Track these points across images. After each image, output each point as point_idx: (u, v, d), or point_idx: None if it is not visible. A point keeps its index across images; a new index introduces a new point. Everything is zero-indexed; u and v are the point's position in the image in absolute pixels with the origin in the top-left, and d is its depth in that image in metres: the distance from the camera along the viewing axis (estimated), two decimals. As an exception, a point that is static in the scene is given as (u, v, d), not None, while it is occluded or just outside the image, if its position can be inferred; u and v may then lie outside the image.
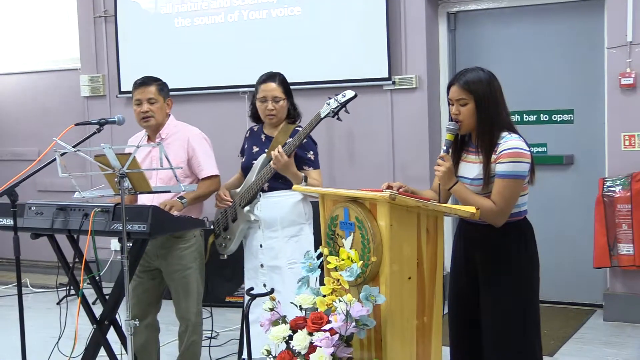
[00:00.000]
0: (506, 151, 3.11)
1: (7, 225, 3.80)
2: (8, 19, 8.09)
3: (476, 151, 3.22)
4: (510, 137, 3.15)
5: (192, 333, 4.20)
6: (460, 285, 3.38)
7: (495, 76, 3.22)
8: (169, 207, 3.99)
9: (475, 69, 3.22)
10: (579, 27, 5.74)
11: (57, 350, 3.91)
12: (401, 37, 5.99)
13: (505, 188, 3.10)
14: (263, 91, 4.10)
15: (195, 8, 6.71)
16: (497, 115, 3.16)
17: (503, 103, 3.21)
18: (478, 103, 3.14)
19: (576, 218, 5.80)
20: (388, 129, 6.10)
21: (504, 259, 3.20)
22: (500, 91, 3.20)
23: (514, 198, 3.14)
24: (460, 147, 3.31)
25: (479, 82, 3.15)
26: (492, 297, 3.23)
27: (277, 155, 3.89)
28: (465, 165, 3.27)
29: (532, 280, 3.26)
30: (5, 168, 7.63)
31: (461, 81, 3.17)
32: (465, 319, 3.36)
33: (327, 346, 2.94)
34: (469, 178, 3.22)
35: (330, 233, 3.30)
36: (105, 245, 6.89)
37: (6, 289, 7.17)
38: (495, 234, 3.19)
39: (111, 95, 7.26)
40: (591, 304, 5.79)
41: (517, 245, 3.21)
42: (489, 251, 3.22)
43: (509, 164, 3.10)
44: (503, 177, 3.11)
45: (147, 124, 4.23)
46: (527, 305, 3.23)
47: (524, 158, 3.12)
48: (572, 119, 5.79)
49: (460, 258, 3.38)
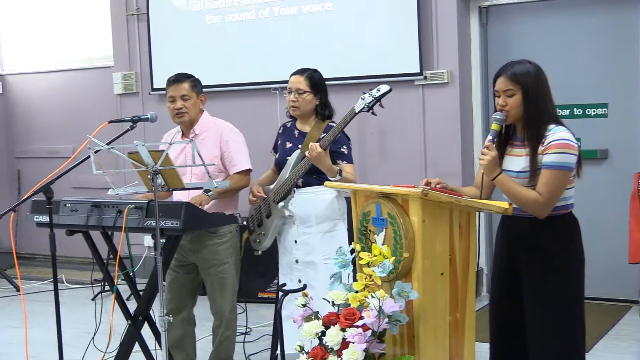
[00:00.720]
0: (554, 142, 3.08)
1: (43, 222, 3.86)
2: (42, 18, 8.19)
3: (522, 144, 3.20)
4: (558, 128, 3.13)
5: (225, 328, 4.23)
6: (503, 280, 3.34)
7: (542, 69, 3.21)
8: (198, 203, 4.02)
9: (523, 61, 3.21)
10: (613, 20, 5.67)
11: (92, 345, 3.96)
12: (432, 32, 5.97)
13: (552, 179, 3.08)
14: (290, 82, 4.17)
15: (227, 5, 6.74)
16: (544, 107, 3.15)
17: (550, 96, 3.20)
18: (525, 94, 3.14)
19: (611, 213, 5.74)
20: (419, 124, 6.08)
21: (548, 254, 3.16)
22: (546, 84, 3.20)
23: (560, 190, 3.11)
24: (505, 141, 3.28)
25: (527, 74, 3.15)
26: (538, 294, 3.19)
27: (311, 146, 3.91)
28: (511, 159, 3.24)
29: (578, 276, 3.21)
30: (41, 165, 7.75)
31: (508, 72, 3.16)
32: (508, 315, 3.31)
33: (360, 342, 2.95)
34: (515, 171, 3.19)
35: (363, 229, 3.30)
36: (139, 241, 6.96)
37: (42, 285, 7.26)
38: (539, 228, 3.15)
39: (144, 92, 7.32)
40: (627, 300, 5.73)
41: (562, 240, 3.17)
42: (533, 246, 3.18)
43: (557, 154, 3.07)
44: (550, 168, 3.08)
45: (181, 120, 4.26)
46: (574, 303, 3.19)
47: (572, 150, 3.09)
48: (606, 113, 5.72)
49: (503, 253, 3.33)
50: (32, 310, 5.94)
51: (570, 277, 3.18)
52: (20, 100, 8.35)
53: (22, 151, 8.35)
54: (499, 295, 3.38)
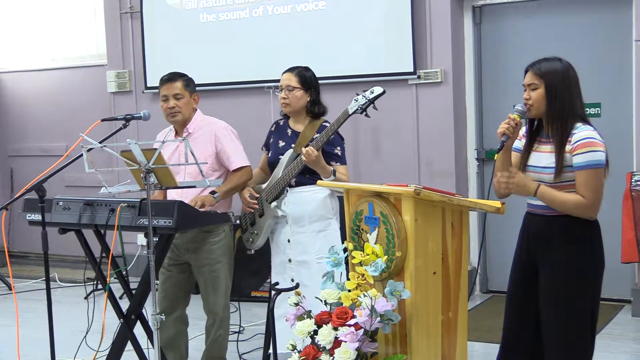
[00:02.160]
0: (580, 142, 3.10)
1: (36, 221, 3.84)
2: (35, 16, 8.17)
3: (547, 140, 3.21)
4: (584, 127, 3.15)
5: (219, 327, 4.22)
6: (520, 277, 3.32)
7: (572, 67, 3.25)
8: (200, 204, 4.01)
9: (553, 58, 3.26)
10: (606, 19, 5.69)
11: (84, 344, 3.95)
12: (426, 31, 5.97)
13: (589, 179, 3.09)
14: (281, 80, 4.18)
15: (220, 3, 6.73)
16: (570, 104, 3.17)
17: (578, 94, 3.22)
18: (548, 89, 3.17)
19: (603, 212, 5.68)
20: (413, 123, 6.09)
21: (563, 255, 3.15)
22: (576, 82, 3.23)
23: (601, 187, 3.13)
24: (532, 137, 3.29)
25: (552, 70, 3.19)
26: (551, 296, 3.18)
27: (307, 151, 3.90)
28: (537, 155, 3.24)
29: (593, 280, 3.19)
30: (34, 163, 7.72)
31: (535, 67, 3.22)
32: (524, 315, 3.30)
33: (352, 341, 2.95)
34: (540, 166, 3.20)
35: (355, 228, 3.30)
36: (132, 240, 6.95)
37: (35, 283, 7.24)
38: (555, 228, 3.15)
39: (137, 90, 7.31)
40: (619, 299, 5.74)
41: (578, 242, 3.16)
42: (548, 246, 3.18)
43: (585, 154, 3.09)
44: (583, 169, 3.10)
45: (174, 120, 4.25)
46: (590, 307, 3.18)
47: (598, 147, 3.11)
48: (599, 112, 5.73)
49: (522, 249, 3.32)
50: (25, 308, 5.93)
51: (584, 280, 3.16)
52: (13, 98, 8.33)
53: (15, 149, 8.33)
54: (514, 290, 3.36)
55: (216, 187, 4.14)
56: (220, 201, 4.15)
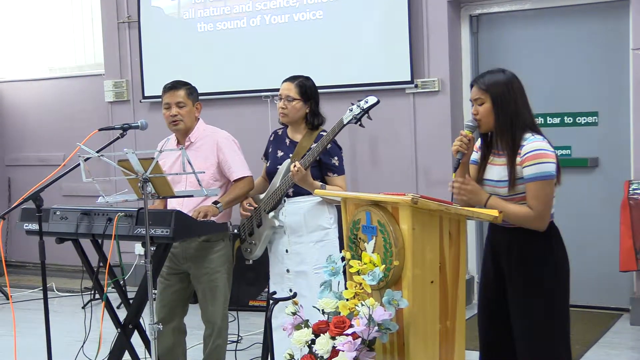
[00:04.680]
0: (529, 154, 3.10)
1: (33, 230, 3.85)
2: (33, 26, 8.18)
3: (501, 153, 3.22)
4: (533, 138, 3.14)
5: (217, 337, 4.21)
6: (490, 289, 3.35)
7: (516, 77, 3.23)
8: (203, 214, 4.01)
9: (496, 71, 3.25)
10: (603, 28, 5.70)
11: (82, 353, 3.95)
12: (423, 40, 5.98)
13: (538, 190, 3.09)
14: (281, 89, 4.16)
15: (218, 13, 6.74)
16: (516, 115, 3.16)
17: (524, 103, 3.21)
18: (494, 102, 3.17)
19: (601, 221, 5.75)
20: (411, 132, 6.09)
21: (528, 265, 3.17)
22: (521, 92, 3.21)
23: (550, 199, 3.13)
24: (487, 150, 3.30)
25: (496, 83, 3.18)
26: (517, 302, 3.21)
27: (297, 167, 3.90)
28: (492, 168, 3.26)
29: (558, 286, 3.20)
30: (31, 173, 7.73)
31: (479, 82, 3.22)
32: (496, 323, 3.32)
33: (350, 350, 2.94)
34: (494, 180, 3.21)
35: (353, 237, 3.29)
36: (129, 249, 6.93)
37: (32, 293, 7.23)
38: (519, 239, 3.17)
39: (135, 100, 7.32)
40: (617, 307, 5.74)
41: (542, 251, 3.17)
42: (513, 256, 3.20)
43: (534, 166, 3.09)
44: (532, 180, 3.10)
45: (176, 128, 4.25)
46: (553, 311, 3.18)
47: (548, 158, 3.10)
48: (596, 121, 5.75)
49: (488, 262, 3.35)
50: (22, 318, 5.93)
51: (552, 289, 3.18)
52: (11, 108, 8.34)
53: (13, 158, 8.33)
54: (486, 301, 3.39)
55: (219, 197, 4.14)
56: (222, 211, 4.15)
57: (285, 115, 4.13)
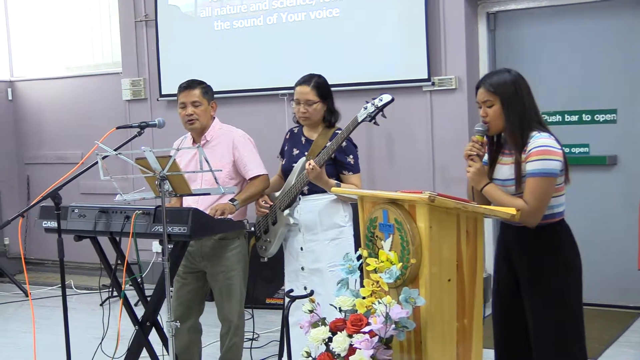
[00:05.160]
0: (535, 149, 3.09)
1: (52, 228, 3.87)
2: (51, 25, 8.23)
3: (510, 153, 3.22)
4: (540, 135, 3.13)
5: (233, 335, 4.22)
6: (503, 288, 3.35)
7: (521, 76, 3.22)
8: (220, 212, 4.02)
9: (502, 71, 3.24)
10: (621, 25, 5.66)
11: (100, 350, 3.96)
12: (440, 38, 5.96)
13: (536, 187, 3.08)
14: (297, 93, 4.13)
15: (235, 11, 6.75)
16: (524, 114, 3.15)
17: (531, 102, 3.20)
18: (504, 104, 3.15)
19: (620, 219, 5.72)
20: (428, 130, 6.08)
21: (536, 265, 3.17)
22: (527, 90, 3.20)
23: (547, 197, 3.11)
24: (496, 149, 3.30)
25: (504, 84, 3.16)
26: (531, 302, 3.21)
27: (310, 168, 3.90)
28: (500, 168, 3.26)
29: (567, 285, 3.19)
30: (50, 171, 7.78)
31: (486, 84, 3.19)
32: (509, 322, 3.32)
33: (367, 348, 2.94)
34: (501, 179, 3.22)
35: (370, 235, 3.29)
36: (147, 247, 6.96)
37: (51, 290, 7.28)
38: (528, 237, 3.16)
39: (152, 98, 7.34)
40: (636, 306, 5.70)
41: (550, 251, 3.17)
42: (523, 254, 3.20)
43: (537, 162, 3.08)
44: (533, 176, 3.09)
45: (192, 127, 4.26)
46: (564, 311, 3.17)
47: (554, 156, 3.09)
48: (615, 118, 5.71)
49: (501, 261, 3.36)
50: (41, 315, 5.96)
51: (561, 289, 3.17)
52: (29, 107, 8.39)
53: (32, 157, 8.38)
54: (499, 300, 3.39)
55: (236, 195, 4.15)
56: (239, 209, 4.16)
57: (307, 118, 4.12)
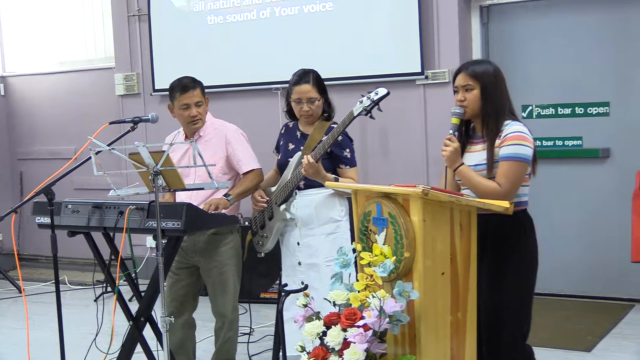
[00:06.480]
0: (511, 134, 3.21)
1: (45, 224, 3.86)
2: (44, 20, 8.20)
3: (481, 140, 3.32)
4: (514, 122, 3.27)
5: (228, 329, 4.23)
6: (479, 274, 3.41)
7: (500, 69, 3.35)
8: (214, 207, 4.02)
9: (483, 61, 3.41)
10: (614, 18, 5.67)
11: (94, 346, 3.96)
12: (434, 31, 5.96)
13: (509, 170, 3.19)
14: (298, 93, 4.08)
15: (228, 5, 6.74)
16: (502, 104, 3.29)
17: (507, 94, 3.34)
18: (483, 89, 3.28)
19: (613, 212, 5.73)
20: (421, 123, 6.08)
21: (497, 253, 3.26)
22: (504, 83, 3.34)
23: (519, 181, 3.22)
24: (465, 139, 3.41)
25: (486, 71, 3.31)
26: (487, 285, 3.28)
27: (308, 161, 3.90)
28: (470, 155, 3.36)
29: (526, 272, 3.30)
30: (43, 167, 7.75)
31: (469, 69, 3.33)
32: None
33: (361, 342, 2.94)
34: (472, 165, 3.30)
35: (363, 229, 3.29)
36: (141, 242, 6.96)
37: (44, 286, 7.27)
38: (493, 224, 3.23)
39: (145, 93, 7.33)
40: (630, 298, 5.72)
41: (511, 238, 3.25)
42: (486, 244, 3.27)
43: (512, 146, 3.19)
44: (507, 159, 3.20)
45: (196, 127, 4.27)
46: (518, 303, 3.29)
47: (527, 142, 3.22)
48: (607, 111, 5.72)
49: None
50: (35, 311, 5.96)
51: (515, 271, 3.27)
52: (22, 102, 8.37)
53: (24, 152, 8.36)
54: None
55: (230, 190, 4.15)
56: (234, 204, 4.16)
57: (310, 116, 4.10)
